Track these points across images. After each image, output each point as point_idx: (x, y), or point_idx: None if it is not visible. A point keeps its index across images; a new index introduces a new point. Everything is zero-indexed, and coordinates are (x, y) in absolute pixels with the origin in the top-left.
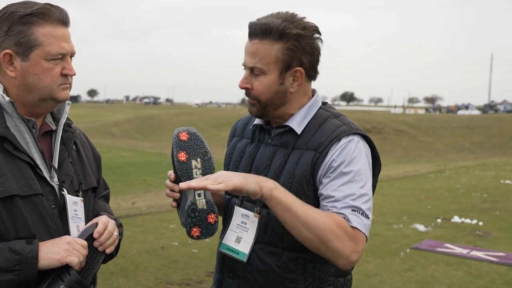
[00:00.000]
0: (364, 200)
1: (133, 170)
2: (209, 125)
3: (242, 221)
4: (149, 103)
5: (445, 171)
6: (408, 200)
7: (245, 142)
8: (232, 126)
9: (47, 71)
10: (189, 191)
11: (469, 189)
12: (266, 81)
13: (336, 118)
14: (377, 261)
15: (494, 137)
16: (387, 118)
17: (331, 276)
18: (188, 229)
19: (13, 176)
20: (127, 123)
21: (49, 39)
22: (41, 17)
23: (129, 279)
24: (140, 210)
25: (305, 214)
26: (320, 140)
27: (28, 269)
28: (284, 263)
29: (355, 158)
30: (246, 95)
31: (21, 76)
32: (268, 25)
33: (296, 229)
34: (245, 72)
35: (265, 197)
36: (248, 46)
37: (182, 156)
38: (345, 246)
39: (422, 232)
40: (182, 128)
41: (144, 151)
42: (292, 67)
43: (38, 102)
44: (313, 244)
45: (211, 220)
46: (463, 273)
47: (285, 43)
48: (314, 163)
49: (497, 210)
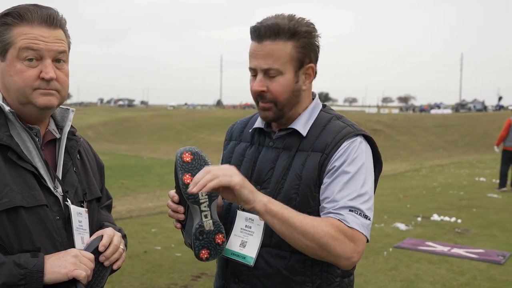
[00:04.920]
0: (363, 200)
1: (110, 174)
2: (186, 127)
3: (246, 225)
4: (123, 106)
5: (422, 169)
6: (387, 199)
7: (244, 145)
8: (228, 130)
9: (19, 73)
10: (196, 212)
11: (446, 187)
12: (283, 81)
13: (339, 119)
14: (361, 261)
15: (467, 135)
16: (362, 118)
17: (337, 277)
18: (196, 252)
19: (17, 186)
20: (102, 126)
21: (21, 37)
22: (17, 18)
23: (114, 285)
24: (120, 215)
25: (302, 224)
26: (326, 141)
27: (33, 283)
28: (292, 266)
29: (356, 158)
30: (259, 99)
31: (1, 77)
32: (279, 25)
33: (295, 240)
34: (259, 75)
35: (258, 210)
36: (258, 49)
37: (188, 179)
38: (345, 248)
39: (403, 231)
40: (185, 149)
41: (120, 154)
42: (304, 64)
43: (18, 106)
44: (314, 251)
45: (218, 241)
46: (446, 271)
47: (297, 41)
48: (321, 165)
49: (474, 207)
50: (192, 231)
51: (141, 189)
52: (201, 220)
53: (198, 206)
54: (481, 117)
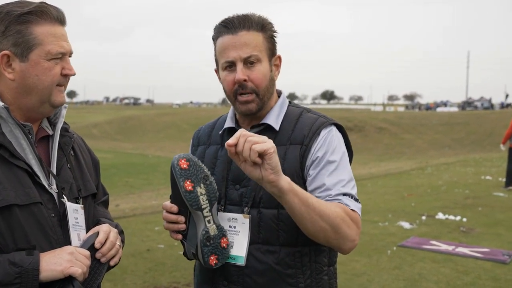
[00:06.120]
0: (352, 186)
1: (115, 172)
2: (190, 125)
3: (230, 225)
4: (129, 104)
5: (427, 168)
6: (392, 197)
7: (214, 148)
8: (194, 136)
9: (48, 71)
10: (199, 219)
11: (451, 185)
12: (262, 69)
13: (309, 112)
14: (364, 259)
15: (473, 133)
16: (368, 116)
17: (325, 266)
18: (206, 259)
19: (10, 184)
20: (108, 124)
21: (48, 38)
22: (39, 15)
23: (116, 283)
24: (124, 213)
25: (320, 205)
26: (303, 133)
27: (29, 282)
28: (282, 260)
29: (336, 147)
30: (240, 90)
31: (20, 78)
32: (249, 17)
33: (312, 221)
34: (239, 66)
35: (281, 186)
36: (234, 40)
37: (189, 186)
38: (352, 230)
39: (408, 229)
40: (180, 156)
41: (125, 152)
42: (274, 54)
43: (36, 105)
44: (326, 233)
45: (224, 245)
46: (450, 270)
47: (266, 32)
48: (301, 156)
49: (479, 206)
50: (199, 238)
51: (145, 187)
52: (206, 226)
53: (201, 212)
54: (488, 115)
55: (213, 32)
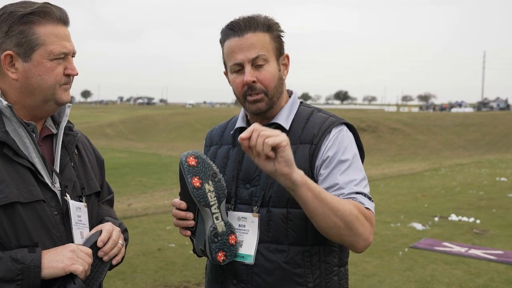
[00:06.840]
0: (365, 184)
1: (128, 171)
2: (203, 125)
3: (240, 225)
4: (143, 104)
5: (441, 169)
6: (404, 198)
7: (226, 147)
8: (207, 136)
9: (50, 71)
10: (207, 216)
11: (465, 186)
12: (271, 69)
13: (320, 112)
14: (375, 260)
15: (488, 134)
16: (382, 116)
17: (335, 266)
18: (213, 255)
19: (14, 182)
20: (122, 124)
21: (51, 38)
22: (42, 16)
23: (127, 282)
24: (136, 212)
25: (332, 200)
26: (313, 132)
27: (31, 278)
28: (291, 259)
29: (348, 146)
30: (250, 91)
31: (23, 78)
32: (255, 19)
33: (325, 216)
34: (247, 67)
35: (295, 179)
36: (241, 42)
37: (197, 182)
38: (365, 229)
39: (420, 230)
40: (188, 153)
41: (138, 152)
42: (281, 54)
43: (40, 104)
44: (338, 230)
45: (232, 241)
46: (462, 272)
47: (272, 32)
48: (311, 155)
49: (493, 208)
50: (207, 234)
51: (158, 187)
52: (214, 222)
53: (209, 208)
54: (504, 116)
55: (220, 36)
